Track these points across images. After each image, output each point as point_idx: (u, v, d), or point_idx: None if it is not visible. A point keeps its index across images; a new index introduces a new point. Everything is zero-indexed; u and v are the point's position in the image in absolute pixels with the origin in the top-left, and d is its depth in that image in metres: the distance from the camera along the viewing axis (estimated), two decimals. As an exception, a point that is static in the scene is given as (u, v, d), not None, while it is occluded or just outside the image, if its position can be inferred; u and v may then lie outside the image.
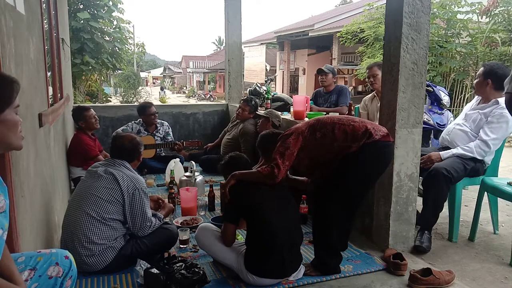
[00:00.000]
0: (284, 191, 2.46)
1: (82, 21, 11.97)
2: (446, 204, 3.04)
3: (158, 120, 5.23)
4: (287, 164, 2.31)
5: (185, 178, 4.00)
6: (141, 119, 5.15)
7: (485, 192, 3.16)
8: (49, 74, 3.15)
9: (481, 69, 3.18)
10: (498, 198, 3.17)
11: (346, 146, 2.30)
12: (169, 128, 5.29)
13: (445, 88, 6.06)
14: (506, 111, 2.99)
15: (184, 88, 43.65)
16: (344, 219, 2.47)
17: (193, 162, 4.13)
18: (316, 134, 2.36)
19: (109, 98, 16.76)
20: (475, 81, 3.23)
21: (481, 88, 3.15)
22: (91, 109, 4.23)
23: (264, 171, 2.31)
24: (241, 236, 2.81)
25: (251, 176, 2.39)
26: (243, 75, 7.94)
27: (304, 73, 19.58)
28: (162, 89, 31.19)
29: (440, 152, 3.10)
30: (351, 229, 2.72)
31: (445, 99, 4.14)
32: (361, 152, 2.29)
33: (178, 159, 4.56)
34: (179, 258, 2.37)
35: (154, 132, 5.12)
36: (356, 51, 11.27)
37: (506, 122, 2.99)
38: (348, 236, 2.70)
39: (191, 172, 4.05)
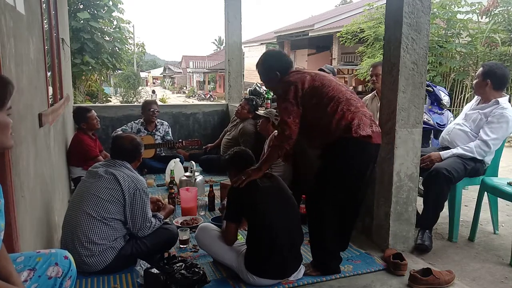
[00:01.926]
0: (285, 191, 2.45)
1: (82, 21, 11.98)
2: (446, 204, 3.04)
3: (158, 120, 5.24)
4: (297, 122, 2.31)
5: (185, 178, 4.00)
6: (141, 119, 5.16)
7: (485, 192, 3.16)
8: (49, 74, 3.15)
9: (480, 69, 3.17)
10: (498, 198, 3.17)
11: (328, 128, 2.29)
12: (169, 128, 5.31)
13: (445, 88, 6.06)
14: (506, 111, 3.00)
15: (184, 88, 43.67)
16: (338, 219, 2.45)
17: (193, 162, 4.13)
18: (313, 99, 2.35)
19: (109, 98, 16.77)
20: (474, 82, 3.23)
21: (480, 89, 3.14)
22: (93, 110, 4.22)
23: (276, 141, 2.33)
24: (241, 236, 2.81)
25: (272, 157, 2.42)
26: (243, 75, 7.93)
27: (304, 73, 19.54)
28: (153, 92, 28.56)
29: (440, 152, 3.10)
30: (350, 230, 2.70)
31: (445, 99, 4.14)
32: (337, 147, 2.31)
33: (178, 159, 4.56)
34: (179, 258, 2.36)
35: (154, 131, 5.13)
36: (356, 51, 11.26)
37: (507, 122, 2.99)
38: (348, 236, 2.69)
39: (191, 172, 4.05)
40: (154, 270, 2.21)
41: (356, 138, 2.26)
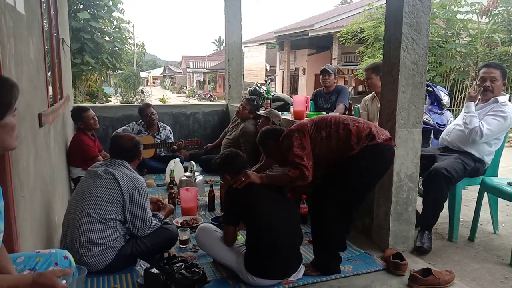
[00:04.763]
0: (282, 191, 2.45)
1: (82, 21, 11.97)
2: (446, 204, 3.04)
3: (161, 124, 5.23)
4: (311, 164, 2.29)
5: (185, 178, 4.01)
6: (142, 120, 5.15)
7: (485, 192, 3.15)
8: (49, 74, 3.15)
9: (496, 71, 3.07)
10: (498, 198, 3.17)
11: (349, 147, 2.30)
12: (171, 133, 5.28)
13: (445, 88, 6.06)
14: (506, 107, 2.99)
15: (184, 88, 43.63)
16: (343, 220, 2.46)
17: (193, 162, 4.13)
18: (321, 132, 2.36)
19: (109, 98, 16.75)
20: (494, 83, 3.07)
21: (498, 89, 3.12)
22: (90, 110, 4.21)
23: (293, 175, 2.29)
24: (241, 236, 2.80)
25: (280, 182, 2.40)
26: (243, 75, 7.93)
27: (304, 73, 19.57)
28: (142, 92, 26.26)
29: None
30: (350, 230, 2.71)
31: (445, 99, 4.14)
32: (362, 156, 2.29)
33: (178, 159, 4.56)
34: (179, 258, 2.36)
35: (155, 134, 5.11)
36: (356, 51, 11.27)
37: (503, 117, 2.98)
38: (346, 236, 2.69)
39: (191, 172, 4.05)
40: (154, 270, 2.21)
41: (381, 143, 2.31)
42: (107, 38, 13.26)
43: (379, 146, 2.31)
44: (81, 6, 12.30)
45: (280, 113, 4.43)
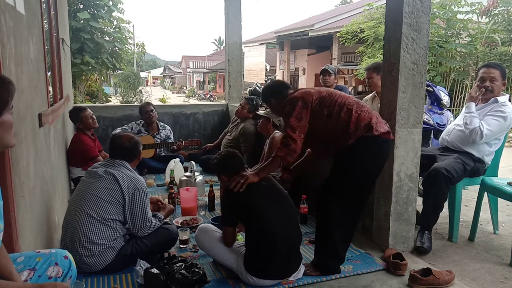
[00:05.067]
0: (280, 191, 2.44)
1: (82, 21, 11.99)
2: (446, 204, 3.04)
3: (161, 123, 5.23)
4: (302, 137, 2.32)
5: (185, 178, 4.00)
6: (142, 120, 5.15)
7: (485, 192, 3.16)
8: (49, 74, 3.15)
9: (496, 71, 3.06)
10: (498, 198, 3.17)
11: (346, 134, 2.29)
12: (171, 132, 5.28)
13: (445, 88, 6.07)
14: (506, 107, 2.99)
15: (184, 88, 43.62)
16: (345, 222, 2.45)
17: (193, 162, 4.13)
18: (323, 110, 2.36)
19: (109, 98, 16.76)
20: (494, 83, 3.07)
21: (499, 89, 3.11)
22: (88, 109, 4.20)
23: (282, 153, 2.32)
24: (241, 237, 2.80)
25: (273, 166, 2.41)
26: (243, 75, 7.93)
27: (304, 73, 19.58)
28: (140, 91, 24.05)
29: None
30: (354, 231, 2.68)
31: (445, 99, 4.15)
32: (357, 146, 2.29)
33: (178, 159, 4.56)
34: (179, 258, 2.36)
35: (155, 133, 5.11)
36: (356, 51, 11.29)
37: (503, 118, 2.98)
38: (350, 238, 2.67)
39: (191, 172, 4.05)
40: (154, 270, 2.21)
41: (378, 135, 2.31)
42: (107, 38, 13.27)
43: (375, 138, 2.30)
44: (81, 6, 12.32)
45: (280, 113, 4.43)
